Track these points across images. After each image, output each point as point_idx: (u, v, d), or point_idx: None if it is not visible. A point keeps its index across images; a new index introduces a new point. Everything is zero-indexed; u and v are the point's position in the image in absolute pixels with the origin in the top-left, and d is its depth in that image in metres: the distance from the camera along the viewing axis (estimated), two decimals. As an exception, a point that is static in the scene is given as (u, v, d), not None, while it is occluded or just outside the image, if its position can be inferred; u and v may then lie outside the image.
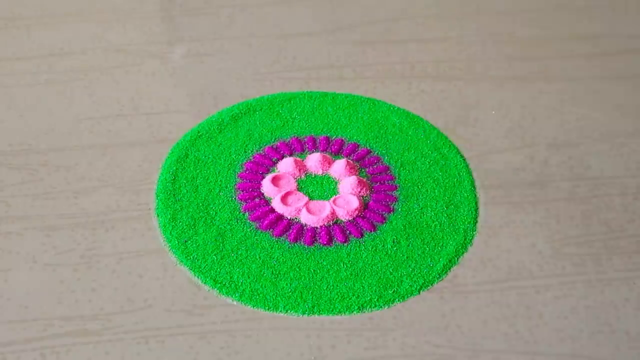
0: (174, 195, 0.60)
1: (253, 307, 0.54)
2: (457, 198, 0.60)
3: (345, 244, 0.57)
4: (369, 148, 0.63)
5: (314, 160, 0.61)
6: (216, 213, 0.59)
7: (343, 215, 0.58)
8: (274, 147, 0.63)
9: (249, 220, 0.58)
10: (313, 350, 0.51)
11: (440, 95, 0.67)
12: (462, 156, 0.63)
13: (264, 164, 0.62)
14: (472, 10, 0.76)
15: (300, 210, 0.58)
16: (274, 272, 0.55)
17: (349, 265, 0.56)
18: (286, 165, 0.61)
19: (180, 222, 0.58)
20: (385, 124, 0.65)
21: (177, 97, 0.67)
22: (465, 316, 0.53)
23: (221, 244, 0.57)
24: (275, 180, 0.60)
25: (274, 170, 0.61)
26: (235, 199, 0.59)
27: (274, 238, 0.57)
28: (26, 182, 0.60)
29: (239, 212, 0.59)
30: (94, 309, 0.53)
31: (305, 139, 0.64)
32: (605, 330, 0.53)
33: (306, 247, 0.57)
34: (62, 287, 0.54)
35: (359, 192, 0.59)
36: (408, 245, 0.57)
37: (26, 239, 0.57)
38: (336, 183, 0.60)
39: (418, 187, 0.61)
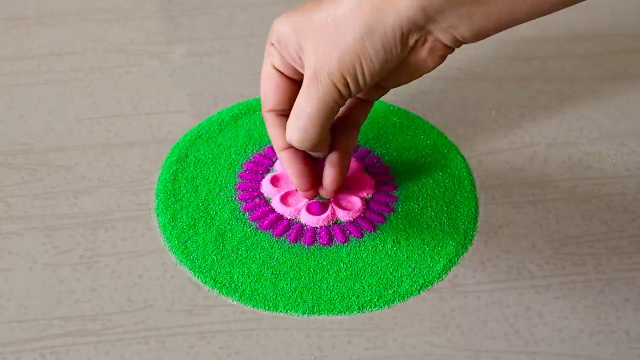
0: (174, 195, 0.59)
1: (253, 307, 0.54)
2: (457, 198, 0.60)
3: (345, 244, 0.57)
4: (369, 148, 0.63)
5: (313, 160, 0.61)
6: (216, 213, 0.58)
7: (343, 215, 0.58)
8: (274, 147, 0.63)
9: (249, 220, 0.58)
10: (313, 350, 0.51)
11: (440, 95, 0.67)
12: (462, 156, 0.63)
13: (264, 164, 0.62)
14: (472, 10, 0.76)
15: (300, 210, 0.58)
16: (274, 272, 0.55)
17: (349, 265, 0.56)
18: (286, 165, 0.61)
19: (180, 222, 0.58)
20: (385, 124, 0.65)
21: (177, 97, 0.67)
22: (465, 316, 0.53)
23: (221, 244, 0.57)
24: (274, 180, 0.60)
25: (273, 171, 0.61)
26: (235, 199, 0.59)
27: (274, 238, 0.57)
28: (26, 182, 0.60)
29: (239, 212, 0.59)
30: (94, 309, 0.53)
31: (305, 139, 0.63)
32: (605, 330, 0.53)
33: (306, 247, 0.57)
34: (62, 287, 0.54)
35: (363, 193, 0.59)
36: (408, 245, 0.57)
37: (26, 239, 0.57)
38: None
39: (418, 187, 0.61)
